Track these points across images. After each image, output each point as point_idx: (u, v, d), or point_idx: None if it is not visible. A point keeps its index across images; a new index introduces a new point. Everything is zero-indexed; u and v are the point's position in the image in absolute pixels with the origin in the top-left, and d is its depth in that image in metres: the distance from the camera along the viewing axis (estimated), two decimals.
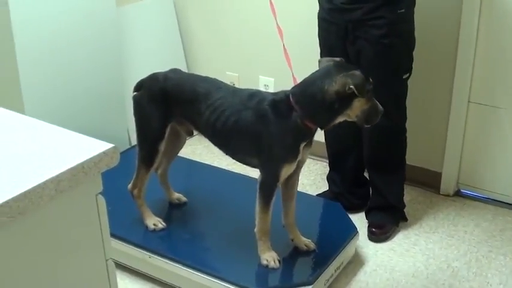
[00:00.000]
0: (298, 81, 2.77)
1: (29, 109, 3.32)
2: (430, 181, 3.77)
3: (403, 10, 3.00)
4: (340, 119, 2.63)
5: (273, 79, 4.17)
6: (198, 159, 4.01)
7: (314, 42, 3.28)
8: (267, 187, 2.75)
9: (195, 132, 3.12)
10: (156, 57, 4.35)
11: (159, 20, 4.45)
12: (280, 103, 2.65)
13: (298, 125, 2.61)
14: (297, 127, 2.61)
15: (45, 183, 1.48)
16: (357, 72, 2.53)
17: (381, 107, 2.66)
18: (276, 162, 2.70)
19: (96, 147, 1.63)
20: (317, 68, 2.68)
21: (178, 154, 3.34)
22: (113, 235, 1.77)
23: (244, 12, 4.20)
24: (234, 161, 2.93)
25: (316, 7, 3.20)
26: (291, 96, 2.63)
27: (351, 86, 2.49)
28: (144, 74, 3.06)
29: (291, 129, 2.62)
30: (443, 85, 3.55)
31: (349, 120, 2.64)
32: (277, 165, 2.69)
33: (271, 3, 3.01)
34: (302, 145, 2.67)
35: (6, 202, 1.40)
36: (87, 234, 1.67)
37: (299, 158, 2.71)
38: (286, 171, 2.71)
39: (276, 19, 2.95)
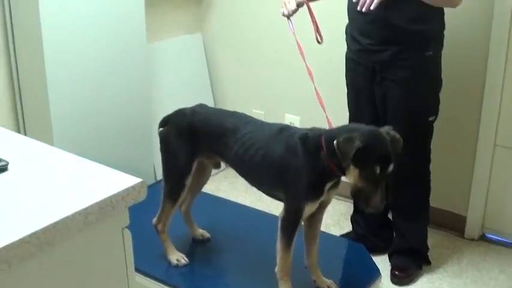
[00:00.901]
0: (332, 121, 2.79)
1: (58, 140, 3.37)
2: (455, 224, 3.75)
3: (430, 53, 3.01)
4: (347, 176, 2.58)
5: (298, 117, 4.20)
6: (222, 196, 4.02)
7: (341, 82, 3.31)
8: (289, 224, 2.74)
9: (222, 165, 3.13)
10: (184, 93, 4.40)
11: (188, 56, 4.51)
12: (311, 140, 2.65)
13: (324, 165, 2.60)
14: (323, 167, 2.60)
15: (73, 215, 1.50)
16: (357, 140, 2.43)
17: (379, 202, 2.51)
18: (298, 198, 2.69)
19: (124, 181, 1.66)
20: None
21: (203, 190, 3.35)
22: (135, 269, 1.78)
23: (271, 50, 4.24)
24: (258, 198, 2.93)
25: (344, 47, 3.23)
26: (323, 136, 2.62)
27: (334, 142, 2.47)
28: (171, 110, 3.10)
29: (316, 167, 2.61)
30: (469, 127, 3.55)
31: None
32: (300, 202, 2.68)
33: (298, 45, 3.03)
34: (327, 186, 2.66)
35: (35, 233, 1.42)
36: (112, 267, 1.68)
37: (323, 198, 2.70)
38: (308, 209, 2.70)
39: (304, 60, 2.97)
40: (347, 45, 3.21)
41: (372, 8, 2.68)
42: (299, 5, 3.06)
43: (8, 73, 3.49)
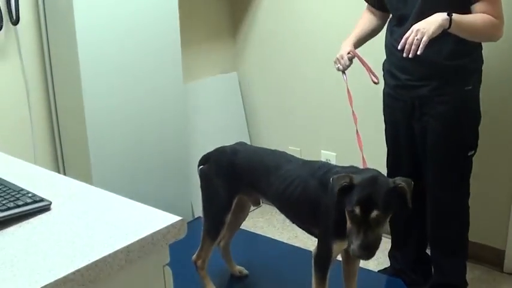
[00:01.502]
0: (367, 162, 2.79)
1: (97, 180, 3.41)
2: (494, 259, 3.70)
3: (470, 87, 2.99)
4: None
5: (335, 153, 4.20)
6: (259, 232, 4.03)
7: (379, 122, 3.32)
8: (321, 260, 2.75)
9: (261, 202, 3.15)
10: (220, 131, 4.43)
11: (223, 95, 4.56)
12: None
13: None
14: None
15: (115, 253, 1.52)
16: (346, 178, 2.45)
17: (357, 247, 2.43)
18: (327, 236, 2.70)
19: (164, 219, 1.68)
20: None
21: (241, 227, 3.37)
22: None
23: (306, 87, 4.27)
24: (295, 235, 2.94)
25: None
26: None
27: (331, 179, 2.51)
28: (208, 148, 3.13)
29: (343, 206, 2.56)
30: (506, 160, 3.52)
31: None
32: (328, 239, 2.69)
33: (349, 93, 3.02)
34: None
35: (78, 270, 1.44)
36: None
37: None
38: (336, 247, 2.70)
39: (352, 107, 2.98)
40: (384, 81, 3.21)
41: (419, 53, 2.64)
42: (350, 59, 3.08)
43: (47, 115, 3.57)
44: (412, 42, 2.65)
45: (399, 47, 2.72)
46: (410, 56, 2.67)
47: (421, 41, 2.62)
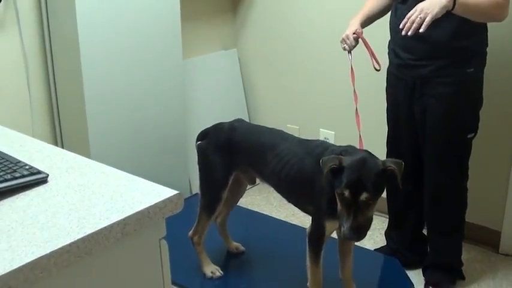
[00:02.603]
0: (364, 144, 2.79)
1: (94, 154, 3.41)
2: (489, 240, 3.71)
3: (472, 69, 2.98)
4: None
5: (333, 132, 4.20)
6: (256, 210, 4.03)
7: (379, 103, 3.31)
8: (314, 239, 2.76)
9: (257, 181, 3.16)
10: (218, 108, 4.43)
11: (223, 72, 4.54)
12: None
13: None
14: None
15: (111, 225, 1.53)
16: (335, 160, 2.46)
17: (347, 229, 2.44)
18: (322, 214, 2.71)
19: (161, 193, 1.68)
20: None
21: (238, 204, 3.38)
22: (171, 281, 1.79)
23: (306, 65, 4.26)
24: (292, 213, 2.94)
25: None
26: (342, 154, 2.61)
27: (321, 161, 2.50)
28: (206, 125, 3.13)
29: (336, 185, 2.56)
30: (504, 143, 3.52)
31: None
32: (322, 217, 2.70)
33: (352, 73, 3.01)
34: None
35: (74, 242, 1.45)
36: (149, 277, 1.70)
37: None
38: (330, 225, 2.71)
39: (354, 86, 2.98)
40: (389, 60, 3.20)
41: (421, 31, 2.64)
42: (356, 39, 3.06)
43: (46, 88, 3.56)
44: (414, 21, 2.64)
45: (401, 26, 2.71)
46: (409, 33, 2.66)
47: (424, 19, 2.62)
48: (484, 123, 3.15)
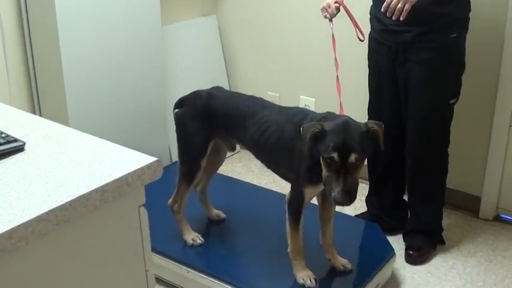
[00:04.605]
0: (345, 111, 2.79)
1: (73, 123, 3.38)
2: (469, 205, 3.74)
3: (454, 35, 2.99)
4: None
5: (314, 99, 4.19)
6: (237, 177, 4.03)
7: (360, 69, 3.30)
8: (294, 205, 2.77)
9: (237, 148, 3.15)
10: (198, 75, 4.40)
11: (202, 39, 4.50)
12: None
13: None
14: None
15: (90, 193, 1.51)
16: (316, 125, 2.45)
17: (339, 193, 2.44)
18: (301, 181, 2.71)
19: (140, 160, 1.67)
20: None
21: (218, 172, 3.37)
22: (152, 249, 1.79)
23: (286, 32, 4.23)
24: (272, 180, 2.94)
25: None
26: (321, 120, 2.61)
27: (301, 129, 2.49)
28: (186, 92, 3.11)
29: (315, 152, 2.55)
30: (484, 108, 3.53)
31: None
32: (302, 184, 2.71)
33: (333, 41, 3.02)
34: None
35: (52, 210, 1.44)
36: (128, 245, 1.70)
37: None
38: (309, 192, 2.72)
39: (335, 53, 2.97)
40: (371, 25, 3.20)
41: (401, 19, 2.76)
42: (337, 8, 3.09)
43: (22, 55, 3.51)
44: (395, 8, 2.75)
45: (382, 10, 2.81)
46: (394, 18, 2.79)
47: (403, 8, 2.73)
48: (465, 87, 3.16)
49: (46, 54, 3.47)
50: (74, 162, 1.68)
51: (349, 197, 2.47)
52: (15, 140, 1.78)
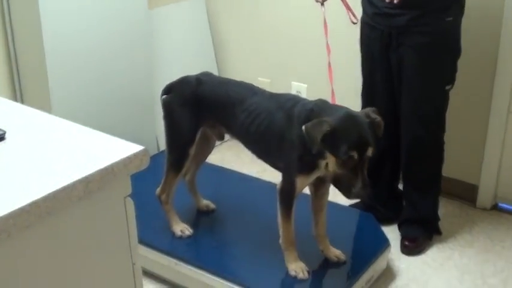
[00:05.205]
0: (336, 95, 2.78)
1: (56, 110, 3.37)
2: (467, 194, 3.75)
3: (450, 18, 2.98)
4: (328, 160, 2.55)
5: (306, 85, 4.18)
6: (227, 166, 4.02)
7: (352, 55, 3.29)
8: (285, 195, 2.77)
9: (226, 137, 3.15)
10: (186, 61, 4.38)
11: (190, 23, 4.49)
12: (305, 111, 2.64)
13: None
14: None
15: (74, 184, 1.50)
16: (325, 124, 2.42)
17: (360, 190, 2.49)
18: (292, 170, 2.71)
19: (126, 149, 1.66)
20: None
21: (208, 161, 3.37)
22: (138, 241, 1.78)
23: (277, 17, 4.22)
24: (264, 169, 2.94)
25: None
26: (313, 109, 2.61)
27: (303, 128, 2.47)
28: (174, 78, 3.10)
29: (307, 141, 2.56)
30: (482, 95, 3.54)
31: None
32: (293, 173, 2.71)
33: (325, 25, 3.01)
34: (322, 162, 2.59)
35: (35, 202, 1.43)
36: (114, 237, 1.69)
37: (319, 173, 2.68)
38: (301, 182, 2.72)
39: (327, 38, 2.96)
40: (363, 8, 3.19)
41: (395, 1, 2.82)
42: None
43: (4, 41, 3.49)
44: None
45: None
46: (387, 1, 2.85)
47: None
48: (461, 74, 3.16)
49: (27, 38, 3.45)
50: (57, 152, 1.67)
51: (368, 190, 2.51)
52: None
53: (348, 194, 2.55)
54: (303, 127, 2.47)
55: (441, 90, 3.13)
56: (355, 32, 3.24)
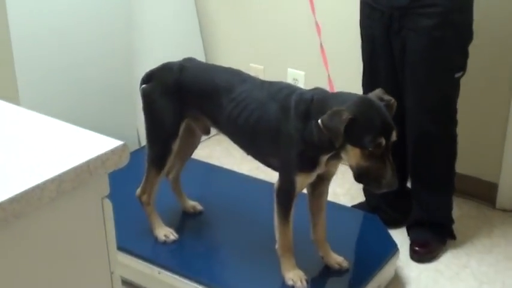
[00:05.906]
0: (334, 83, 2.78)
1: (25, 101, 3.36)
2: (485, 193, 3.76)
3: None
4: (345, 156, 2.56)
5: (303, 72, 4.19)
6: (216, 163, 4.03)
7: (353, 39, 3.30)
8: (284, 195, 2.77)
9: (212, 132, 3.15)
10: (170, 46, 4.38)
11: (174, 5, 4.48)
12: (303, 103, 2.64)
13: (314, 134, 2.57)
14: (313, 136, 2.58)
15: (45, 183, 1.50)
16: (345, 113, 2.39)
17: (391, 178, 2.48)
18: (291, 168, 2.71)
19: (103, 144, 1.66)
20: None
21: (194, 157, 3.37)
22: (117, 247, 1.79)
23: None
24: (256, 166, 2.94)
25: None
26: (314, 100, 2.61)
27: (319, 122, 2.44)
28: (156, 65, 3.10)
29: (307, 135, 2.59)
30: (501, 85, 3.55)
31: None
32: (292, 171, 2.71)
33: (311, 1, 3.03)
34: (323, 157, 2.63)
35: (1, 204, 1.42)
36: (90, 243, 1.69)
37: (320, 170, 2.70)
38: (302, 180, 2.72)
39: (314, 16, 2.97)
40: None
41: None
42: None
43: None
44: None
45: None
46: None
47: None
48: (480, 62, 3.16)
49: None
50: (25, 148, 1.67)
51: (396, 178, 2.51)
52: None
53: (378, 186, 2.53)
54: (319, 121, 2.44)
55: (450, 78, 3.12)
56: (355, 8, 3.25)
